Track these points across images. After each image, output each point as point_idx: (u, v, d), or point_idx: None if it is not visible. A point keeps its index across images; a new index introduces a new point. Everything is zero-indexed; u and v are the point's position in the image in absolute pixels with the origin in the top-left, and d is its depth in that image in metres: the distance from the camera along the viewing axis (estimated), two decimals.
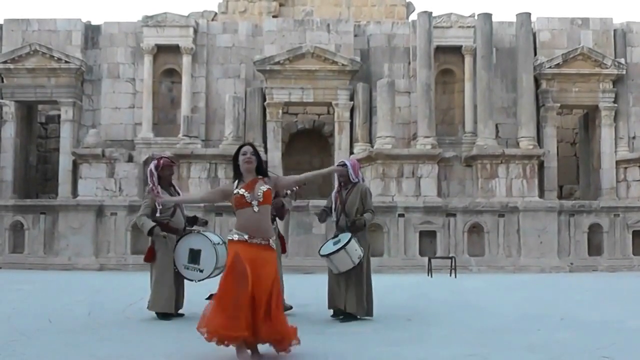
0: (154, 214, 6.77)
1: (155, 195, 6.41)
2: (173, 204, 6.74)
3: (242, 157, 4.67)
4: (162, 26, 17.57)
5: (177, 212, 6.89)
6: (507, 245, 15.37)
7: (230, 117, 16.46)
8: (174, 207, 6.84)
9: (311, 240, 14.15)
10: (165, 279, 6.72)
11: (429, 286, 11.20)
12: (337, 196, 6.82)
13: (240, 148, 4.75)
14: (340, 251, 6.40)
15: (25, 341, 5.28)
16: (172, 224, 6.82)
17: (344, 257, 6.42)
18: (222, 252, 6.55)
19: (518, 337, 5.59)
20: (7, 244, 15.62)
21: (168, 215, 6.82)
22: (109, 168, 16.21)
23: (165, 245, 6.77)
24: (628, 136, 17.50)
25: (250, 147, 4.73)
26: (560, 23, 17.81)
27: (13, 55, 17.16)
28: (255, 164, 4.69)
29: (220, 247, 6.61)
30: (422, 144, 16.25)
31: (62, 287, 10.54)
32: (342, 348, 5.08)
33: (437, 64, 17.60)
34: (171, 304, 6.71)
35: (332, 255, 6.43)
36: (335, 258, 6.44)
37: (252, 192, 4.61)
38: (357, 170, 6.87)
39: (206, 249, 6.57)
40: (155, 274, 6.84)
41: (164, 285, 6.70)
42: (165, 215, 6.79)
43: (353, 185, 6.80)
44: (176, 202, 6.67)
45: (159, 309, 6.72)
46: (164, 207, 6.69)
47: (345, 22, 18.15)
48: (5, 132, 17.26)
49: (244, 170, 4.69)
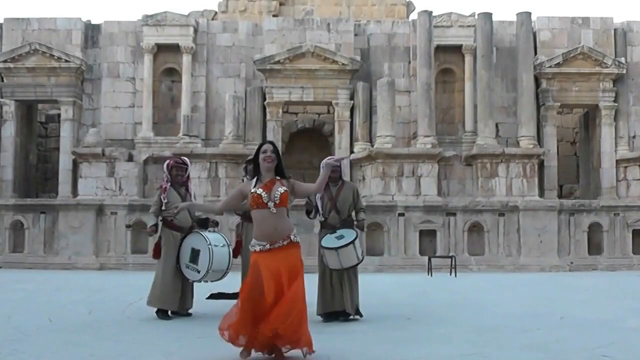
0: (161, 210, 6.90)
1: (171, 209, 6.47)
2: (185, 206, 6.71)
3: (262, 155, 4.49)
4: (162, 25, 17.56)
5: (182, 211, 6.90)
6: (507, 244, 15.37)
7: (230, 117, 16.46)
8: None
9: (312, 239, 13.97)
10: (165, 275, 6.76)
11: (429, 285, 11.20)
12: (323, 193, 6.60)
13: (261, 146, 4.57)
14: (349, 246, 6.32)
15: (25, 340, 5.28)
16: (176, 221, 6.84)
17: (351, 252, 6.35)
18: (220, 254, 6.53)
19: (518, 336, 5.59)
20: (7, 243, 15.61)
21: (172, 213, 6.84)
22: (109, 167, 16.21)
23: (170, 242, 6.81)
24: (628, 135, 17.50)
25: (271, 145, 4.56)
26: (561, 22, 17.81)
27: (13, 54, 17.16)
28: (275, 163, 4.51)
29: (219, 249, 6.57)
30: (422, 143, 16.25)
31: (62, 287, 10.54)
32: (343, 347, 5.08)
33: (437, 63, 17.60)
34: (167, 301, 6.72)
35: (341, 249, 6.31)
36: (342, 252, 6.32)
37: (270, 192, 4.43)
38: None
39: (204, 250, 6.58)
40: (157, 269, 6.91)
41: (162, 281, 6.75)
42: (169, 212, 6.83)
43: (342, 183, 6.78)
44: (187, 207, 6.30)
45: (154, 304, 6.77)
46: (170, 203, 6.71)
47: (346, 22, 18.15)
48: (6, 131, 17.26)
49: (263, 169, 4.50)
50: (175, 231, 6.83)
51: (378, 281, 11.17)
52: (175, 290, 6.74)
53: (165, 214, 6.83)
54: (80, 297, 8.73)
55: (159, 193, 6.91)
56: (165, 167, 7.02)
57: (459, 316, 6.96)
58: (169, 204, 6.75)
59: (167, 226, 6.86)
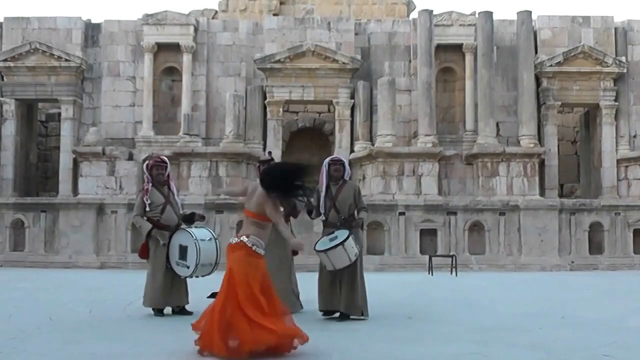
0: (145, 211, 6.93)
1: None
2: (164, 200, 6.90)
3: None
4: (163, 24, 17.55)
5: (167, 209, 6.95)
6: (507, 243, 15.36)
7: (230, 116, 16.44)
8: (163, 204, 6.93)
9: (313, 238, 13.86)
10: (157, 275, 6.81)
11: (429, 284, 11.20)
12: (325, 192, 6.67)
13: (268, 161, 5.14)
14: (338, 247, 6.30)
15: (26, 339, 5.28)
16: (163, 220, 6.91)
17: (341, 253, 6.31)
18: (207, 248, 6.56)
19: (519, 335, 5.58)
20: (8, 242, 15.60)
21: (158, 213, 6.90)
22: (109, 166, 16.20)
23: (158, 242, 6.86)
24: (629, 134, 17.49)
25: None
26: (561, 21, 17.79)
27: (13, 53, 17.15)
28: None
29: (205, 243, 6.60)
30: (423, 142, 16.24)
31: (62, 285, 10.54)
32: (344, 345, 5.08)
33: (438, 62, 17.59)
34: (159, 300, 6.78)
35: (329, 251, 6.33)
36: (331, 254, 6.32)
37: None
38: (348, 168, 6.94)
39: (191, 246, 6.61)
40: (148, 270, 6.96)
41: (155, 281, 6.80)
42: (155, 212, 6.88)
43: (343, 182, 6.77)
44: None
45: (149, 304, 6.84)
46: (154, 204, 6.85)
47: (346, 21, 18.14)
48: (6, 130, 17.26)
49: None
50: (162, 230, 6.86)
51: (379, 280, 11.15)
52: (165, 288, 6.78)
53: (151, 214, 6.88)
54: (81, 296, 8.73)
55: (141, 195, 6.95)
56: (144, 167, 7.13)
57: (459, 315, 6.96)
58: (152, 205, 6.85)
59: (154, 226, 6.89)
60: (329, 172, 6.75)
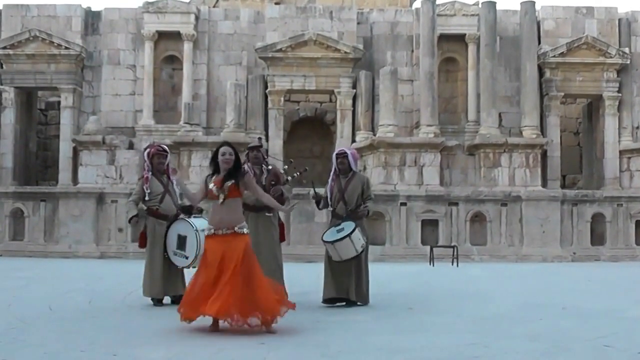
0: (144, 200, 6.88)
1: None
2: (163, 190, 6.92)
3: (221, 158, 5.21)
4: (163, 12, 17.42)
5: (166, 199, 6.91)
6: (509, 234, 15.34)
7: (231, 105, 16.37)
8: (162, 193, 6.90)
9: (313, 228, 14.07)
10: (154, 264, 6.80)
11: (430, 275, 11.19)
12: (333, 184, 6.81)
13: (219, 148, 5.28)
14: (345, 239, 6.45)
15: (25, 328, 5.26)
16: (161, 210, 6.87)
17: (348, 245, 6.48)
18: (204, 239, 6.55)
19: (520, 326, 5.57)
20: (7, 231, 15.59)
21: (157, 202, 6.87)
22: (109, 155, 16.16)
23: (155, 231, 6.83)
24: (632, 126, 17.42)
25: (229, 148, 5.25)
26: (565, 12, 17.67)
27: (12, 41, 17.04)
28: (231, 164, 5.19)
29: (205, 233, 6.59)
30: (425, 132, 16.18)
31: (62, 275, 10.54)
32: (343, 336, 5.06)
33: (441, 52, 17.49)
34: (157, 289, 6.77)
35: (336, 243, 6.49)
36: (339, 245, 6.49)
37: (220, 187, 5.14)
38: (356, 159, 6.98)
39: (190, 236, 6.58)
40: (145, 259, 6.95)
41: (152, 271, 6.80)
42: (154, 202, 6.83)
43: (353, 174, 6.83)
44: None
45: (148, 294, 6.83)
46: (153, 193, 6.80)
47: (348, 10, 18.02)
48: (5, 118, 17.18)
49: (221, 169, 5.23)
50: (160, 219, 6.83)
51: (379, 271, 11.10)
52: (162, 278, 6.77)
53: (150, 204, 6.83)
54: (81, 286, 8.73)
55: (141, 183, 6.88)
56: (145, 155, 6.98)
57: (460, 306, 6.95)
58: (151, 194, 6.79)
59: (152, 215, 6.85)
60: (337, 165, 6.86)
